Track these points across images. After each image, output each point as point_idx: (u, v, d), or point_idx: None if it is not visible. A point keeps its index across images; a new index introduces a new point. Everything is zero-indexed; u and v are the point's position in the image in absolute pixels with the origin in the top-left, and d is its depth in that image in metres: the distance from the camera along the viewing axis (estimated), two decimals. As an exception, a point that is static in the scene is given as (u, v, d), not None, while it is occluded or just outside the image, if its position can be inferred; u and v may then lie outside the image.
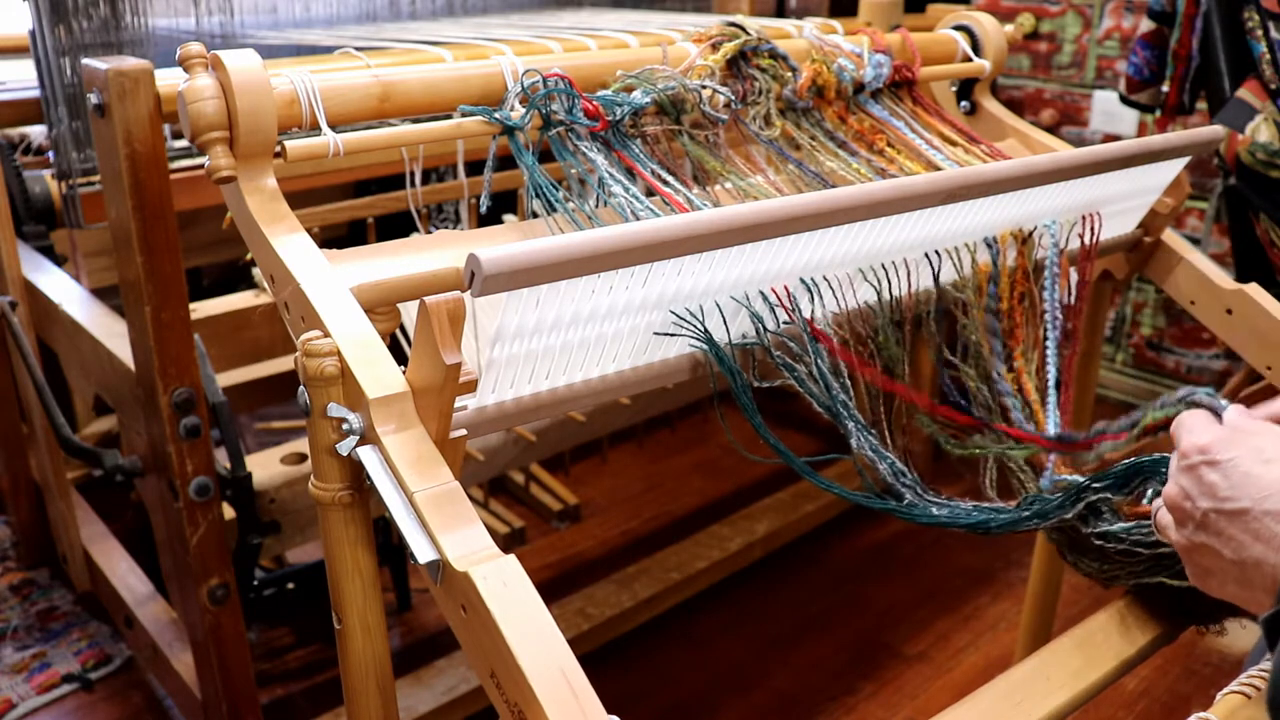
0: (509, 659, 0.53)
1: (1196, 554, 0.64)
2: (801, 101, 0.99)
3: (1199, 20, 1.54)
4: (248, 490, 1.19)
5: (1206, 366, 2.27)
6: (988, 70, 1.20)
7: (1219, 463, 0.63)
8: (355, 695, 0.71)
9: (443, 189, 1.37)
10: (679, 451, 2.17)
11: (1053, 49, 2.33)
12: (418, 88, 0.83)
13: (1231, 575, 0.62)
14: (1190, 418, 0.69)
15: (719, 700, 1.52)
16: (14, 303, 1.36)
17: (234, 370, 1.47)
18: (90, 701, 1.48)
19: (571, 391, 0.73)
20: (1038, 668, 0.78)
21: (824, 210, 0.72)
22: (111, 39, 1.18)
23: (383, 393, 0.62)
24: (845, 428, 0.80)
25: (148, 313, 0.99)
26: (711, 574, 1.70)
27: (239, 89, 0.73)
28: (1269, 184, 1.41)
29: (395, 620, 1.64)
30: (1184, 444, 0.66)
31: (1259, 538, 0.59)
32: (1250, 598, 0.62)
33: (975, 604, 1.74)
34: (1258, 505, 0.60)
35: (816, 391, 0.78)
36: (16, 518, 1.73)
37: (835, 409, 0.79)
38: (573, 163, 0.85)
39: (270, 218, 0.74)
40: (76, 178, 1.18)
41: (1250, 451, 0.63)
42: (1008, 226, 0.92)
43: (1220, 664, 1.60)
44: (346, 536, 0.68)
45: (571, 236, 0.62)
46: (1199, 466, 0.64)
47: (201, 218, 1.56)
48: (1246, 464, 0.62)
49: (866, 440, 0.80)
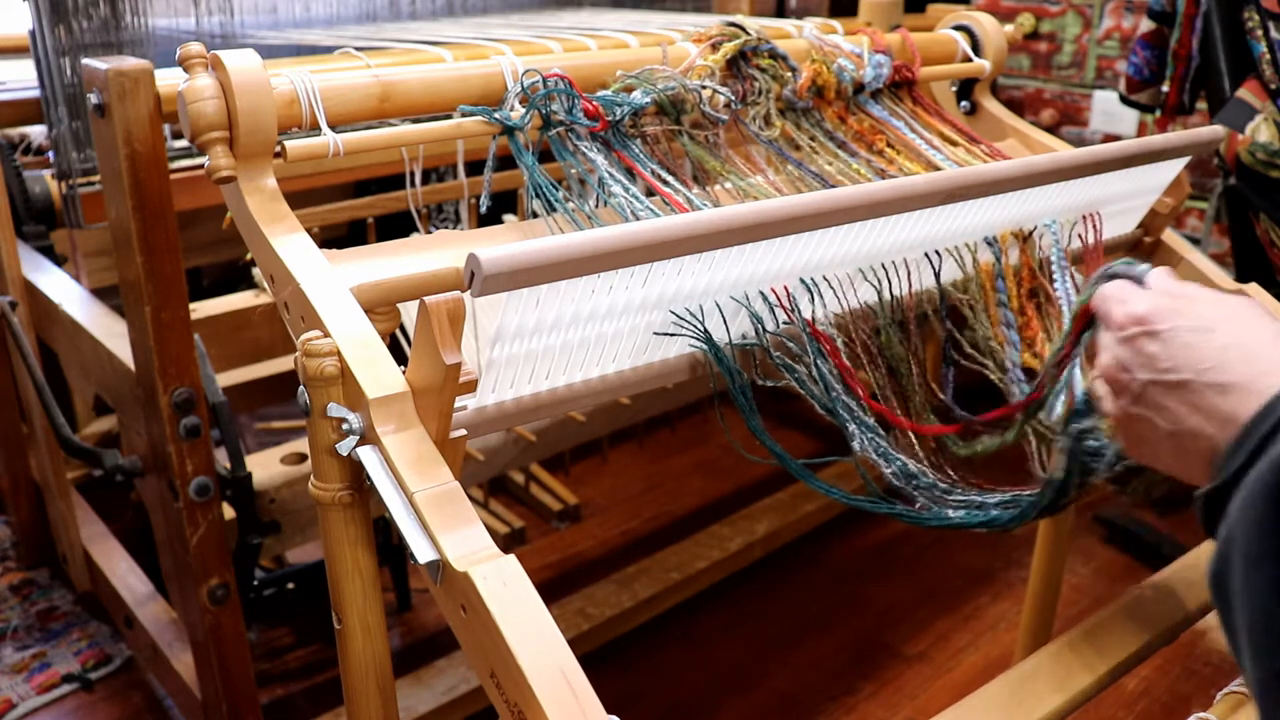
0: (509, 659, 0.53)
1: (1133, 424, 0.63)
2: (801, 102, 0.99)
3: (1199, 20, 1.54)
4: (248, 490, 1.19)
5: (1206, 366, 2.27)
6: (988, 70, 1.20)
7: (1158, 333, 0.61)
8: (355, 695, 0.71)
9: (443, 189, 1.37)
10: (679, 451, 2.17)
11: (1053, 49, 2.33)
12: (418, 88, 0.83)
13: (1169, 446, 0.60)
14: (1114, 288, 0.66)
15: (719, 700, 1.52)
16: (14, 303, 1.36)
17: (234, 370, 1.47)
18: (90, 701, 1.48)
19: (571, 391, 0.73)
20: (1038, 668, 0.78)
21: (824, 210, 0.72)
22: (111, 39, 1.18)
23: (383, 393, 0.62)
24: (847, 429, 0.79)
25: (148, 313, 0.99)
26: (711, 574, 1.69)
27: (239, 89, 0.73)
28: (1269, 184, 1.41)
29: (395, 620, 1.64)
30: (1117, 315, 0.64)
31: (1197, 409, 0.58)
32: (1185, 469, 0.60)
33: (975, 604, 1.74)
34: (1199, 377, 0.58)
35: (817, 393, 0.78)
36: (16, 518, 1.73)
37: (836, 410, 0.78)
38: (573, 163, 0.85)
39: (270, 218, 0.74)
40: (76, 178, 1.18)
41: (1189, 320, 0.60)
42: (1008, 226, 0.92)
43: (1220, 664, 1.60)
44: (346, 536, 0.68)
45: (571, 236, 0.62)
46: (1138, 338, 0.62)
47: (201, 218, 1.56)
48: (1186, 334, 0.60)
49: (871, 442, 0.79)
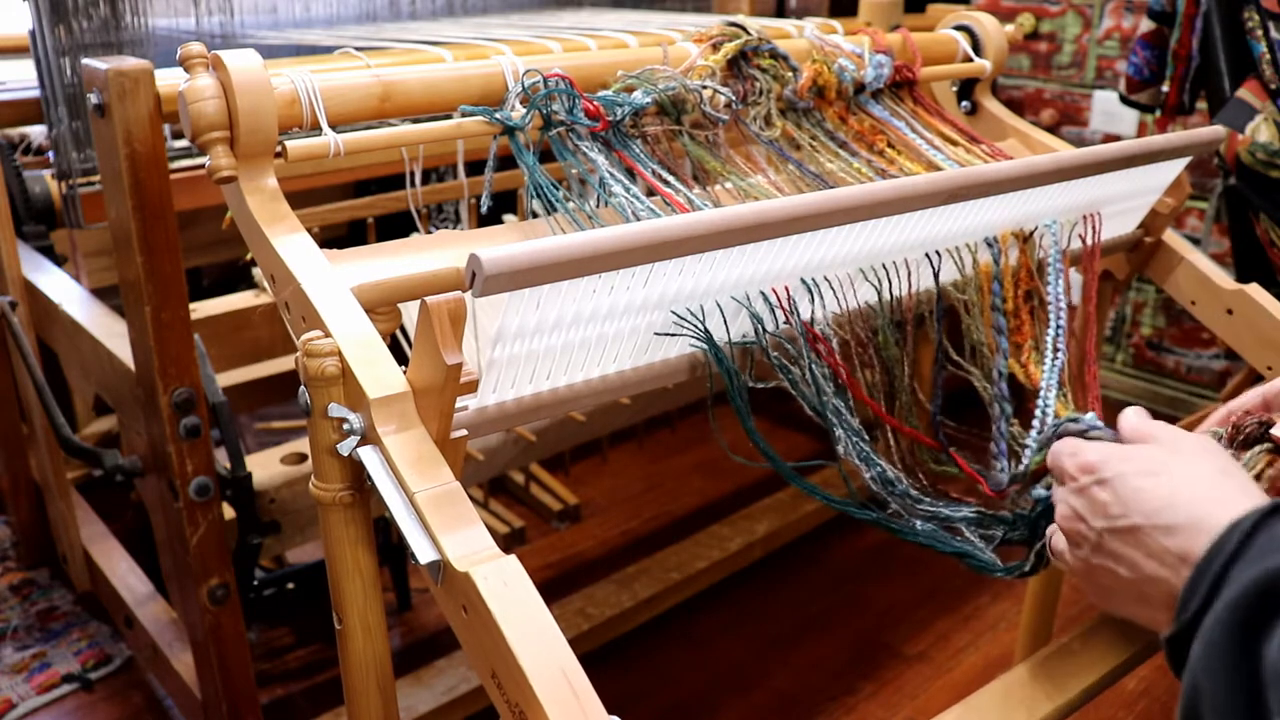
0: (509, 659, 0.53)
1: (1095, 575, 0.63)
2: (802, 102, 0.99)
3: (1199, 20, 1.54)
4: (248, 490, 1.19)
5: (1206, 366, 2.27)
6: (988, 70, 1.20)
7: (1107, 480, 0.61)
8: (355, 695, 0.71)
9: (443, 189, 1.37)
10: (679, 451, 2.17)
11: (1053, 49, 2.33)
12: (418, 88, 0.83)
13: (1131, 594, 0.60)
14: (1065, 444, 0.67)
15: (719, 700, 1.52)
16: (14, 303, 1.36)
17: (234, 370, 1.47)
18: (90, 701, 1.48)
19: (572, 391, 0.73)
20: (1038, 667, 0.78)
21: (824, 211, 0.72)
22: (111, 39, 1.18)
23: (383, 393, 0.62)
24: (833, 433, 0.79)
25: (148, 313, 0.99)
26: (711, 574, 1.69)
27: (239, 89, 0.73)
28: (1269, 184, 1.41)
29: (395, 620, 1.64)
30: (1069, 467, 0.65)
31: (1152, 554, 0.58)
32: (1150, 616, 0.60)
33: (975, 604, 1.74)
34: (1149, 520, 0.58)
35: (809, 395, 0.78)
36: (16, 518, 1.73)
37: (824, 413, 0.78)
38: (573, 163, 0.85)
39: (271, 217, 0.74)
40: (76, 178, 1.18)
41: (1138, 465, 0.61)
42: (1008, 226, 0.92)
43: (1220, 664, 1.59)
44: (347, 536, 0.68)
45: (572, 237, 0.62)
46: (1089, 487, 0.62)
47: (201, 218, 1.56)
48: (1135, 479, 0.60)
49: (855, 446, 0.79)
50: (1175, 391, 2.32)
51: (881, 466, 0.80)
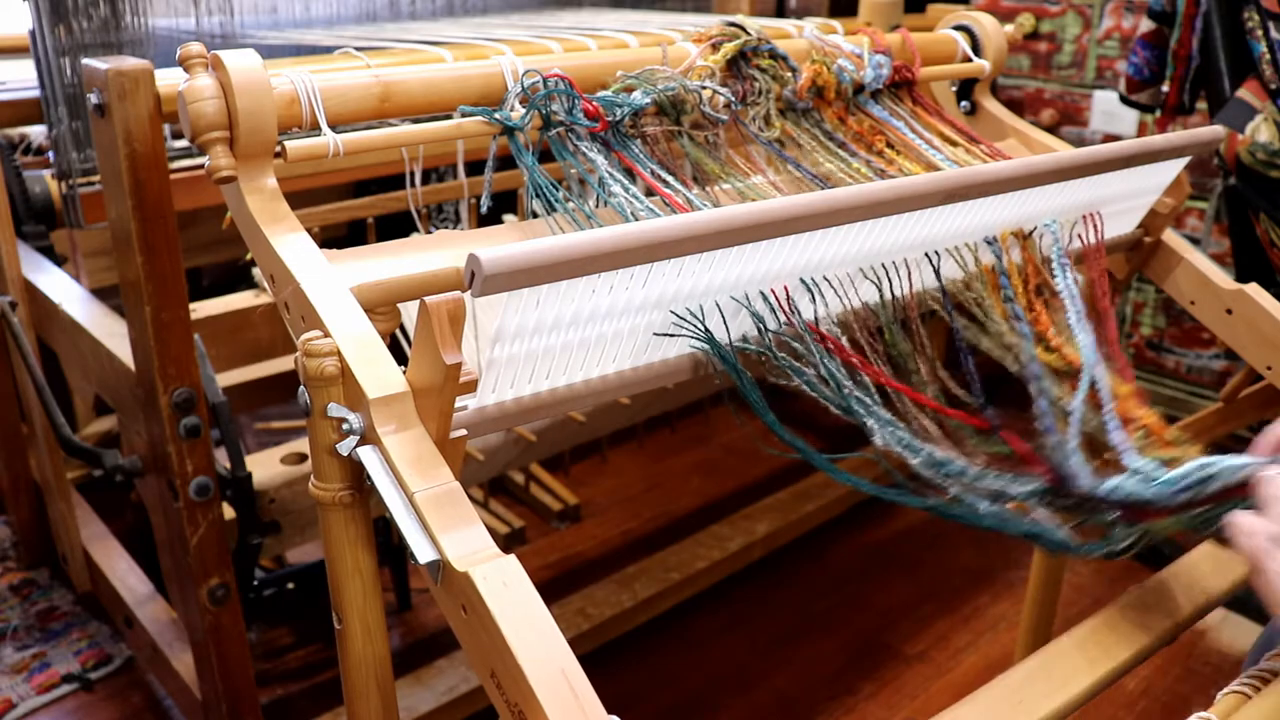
0: (509, 659, 0.53)
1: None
2: (801, 102, 0.99)
3: (1199, 20, 1.54)
4: (248, 490, 1.19)
5: (1206, 366, 2.27)
6: (988, 70, 1.20)
7: None
8: (355, 695, 0.71)
9: (443, 189, 1.37)
10: (679, 451, 2.17)
11: (1053, 49, 2.33)
12: (418, 88, 0.83)
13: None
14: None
15: (719, 700, 1.52)
16: (14, 303, 1.36)
17: (234, 370, 1.47)
18: (90, 701, 1.48)
19: (571, 391, 0.73)
20: (1038, 668, 0.78)
21: (824, 210, 0.72)
22: (111, 39, 1.18)
23: (383, 393, 0.62)
24: (865, 425, 0.76)
25: (148, 313, 0.99)
26: (711, 574, 1.70)
27: (239, 89, 0.73)
28: (1269, 184, 1.41)
29: (395, 620, 1.64)
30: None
31: None
32: None
33: (975, 604, 1.74)
34: None
35: (829, 393, 0.76)
36: (16, 518, 1.73)
37: (851, 407, 0.76)
38: (573, 163, 0.85)
39: (270, 218, 0.74)
40: (76, 178, 1.18)
41: None
42: (1008, 226, 0.92)
43: (1220, 664, 1.60)
44: (346, 536, 0.68)
45: (572, 236, 0.62)
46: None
47: (201, 218, 1.57)
48: None
49: (893, 435, 0.75)
50: (1175, 391, 2.32)
51: (929, 449, 0.75)
